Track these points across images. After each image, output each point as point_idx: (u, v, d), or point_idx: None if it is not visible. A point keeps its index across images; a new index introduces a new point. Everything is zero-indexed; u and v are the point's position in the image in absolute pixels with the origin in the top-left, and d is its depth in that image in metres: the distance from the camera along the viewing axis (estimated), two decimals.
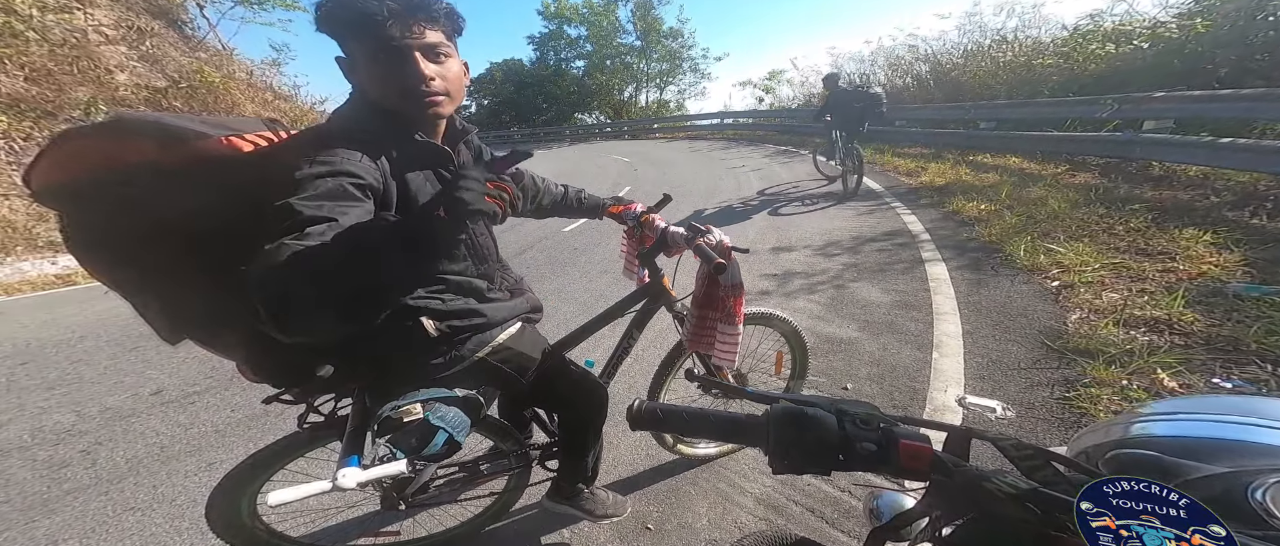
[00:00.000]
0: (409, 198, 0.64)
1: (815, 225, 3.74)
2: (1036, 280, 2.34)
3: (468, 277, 0.78)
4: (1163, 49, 5.93)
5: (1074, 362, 1.65)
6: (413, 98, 0.62)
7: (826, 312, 2.25)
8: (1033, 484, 0.31)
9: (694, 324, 0.97)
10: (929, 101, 8.32)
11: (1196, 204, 3.00)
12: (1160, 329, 1.77)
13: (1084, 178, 4.02)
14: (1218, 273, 2.10)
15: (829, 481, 1.27)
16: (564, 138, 18.53)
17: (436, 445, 0.73)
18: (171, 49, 7.52)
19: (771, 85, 16.45)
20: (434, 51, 0.62)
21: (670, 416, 0.42)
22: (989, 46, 8.57)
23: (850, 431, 0.35)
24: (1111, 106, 4.47)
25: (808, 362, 1.31)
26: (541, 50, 22.19)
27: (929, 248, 2.97)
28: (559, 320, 2.29)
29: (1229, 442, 0.38)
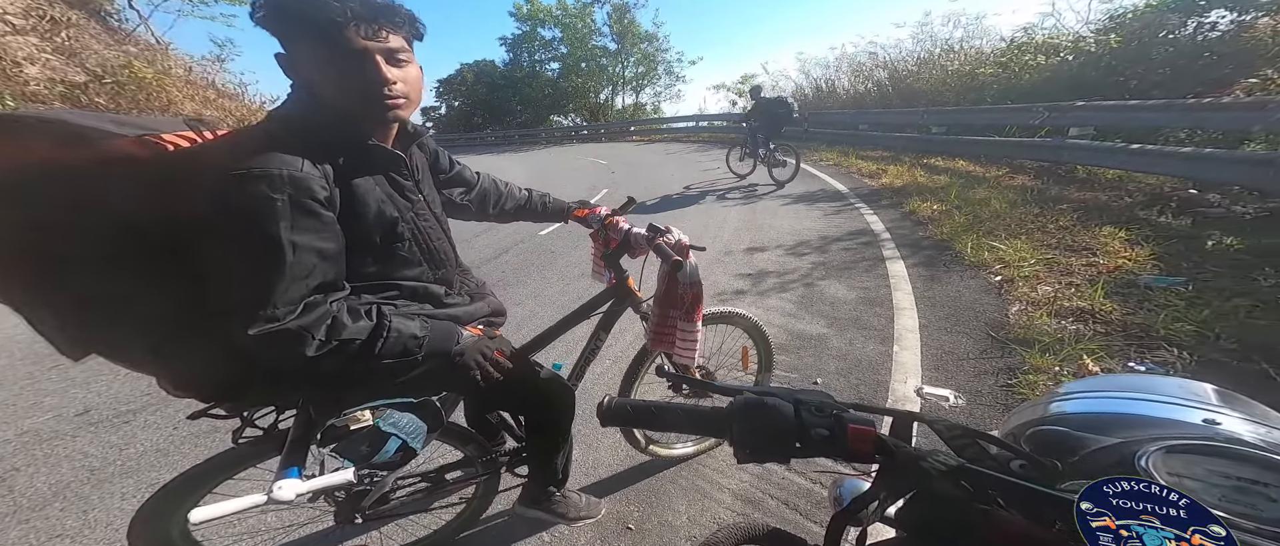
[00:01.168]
0: (356, 203, 0.61)
1: (787, 225, 3.83)
2: (982, 275, 2.50)
3: (423, 283, 0.74)
4: (1084, 62, 6.43)
5: (1014, 352, 1.78)
6: (374, 101, 0.59)
7: (798, 310, 2.32)
8: (961, 461, 0.33)
9: (656, 322, 0.98)
10: (888, 106, 8.69)
11: (1113, 204, 3.28)
12: (1085, 318, 1.94)
13: (1022, 180, 4.30)
14: (1131, 266, 2.31)
15: (801, 473, 1.31)
16: (540, 140, 18.05)
17: (388, 452, 0.70)
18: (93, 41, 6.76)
19: (744, 89, 16.71)
20: (394, 56, 0.59)
21: (639, 412, 0.42)
22: (939, 55, 9.03)
23: (806, 419, 0.36)
24: (1042, 114, 4.81)
25: (772, 355, 1.34)
26: (514, 51, 21.53)
27: (889, 246, 3.11)
28: (536, 323, 2.27)
29: (1124, 416, 0.41)
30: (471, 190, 0.97)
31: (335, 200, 0.59)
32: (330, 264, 0.60)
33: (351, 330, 0.61)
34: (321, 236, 0.57)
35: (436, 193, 0.83)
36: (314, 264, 0.57)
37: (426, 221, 0.73)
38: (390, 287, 0.70)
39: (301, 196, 0.54)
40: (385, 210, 0.65)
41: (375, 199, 0.64)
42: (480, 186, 0.99)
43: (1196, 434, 0.36)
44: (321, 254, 0.58)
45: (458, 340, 0.73)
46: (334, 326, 0.59)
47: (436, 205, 0.79)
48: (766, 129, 5.24)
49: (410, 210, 0.70)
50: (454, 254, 0.82)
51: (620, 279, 1.06)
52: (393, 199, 0.67)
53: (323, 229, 0.57)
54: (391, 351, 0.64)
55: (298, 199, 0.54)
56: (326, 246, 0.58)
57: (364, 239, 0.64)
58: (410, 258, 0.71)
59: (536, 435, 0.98)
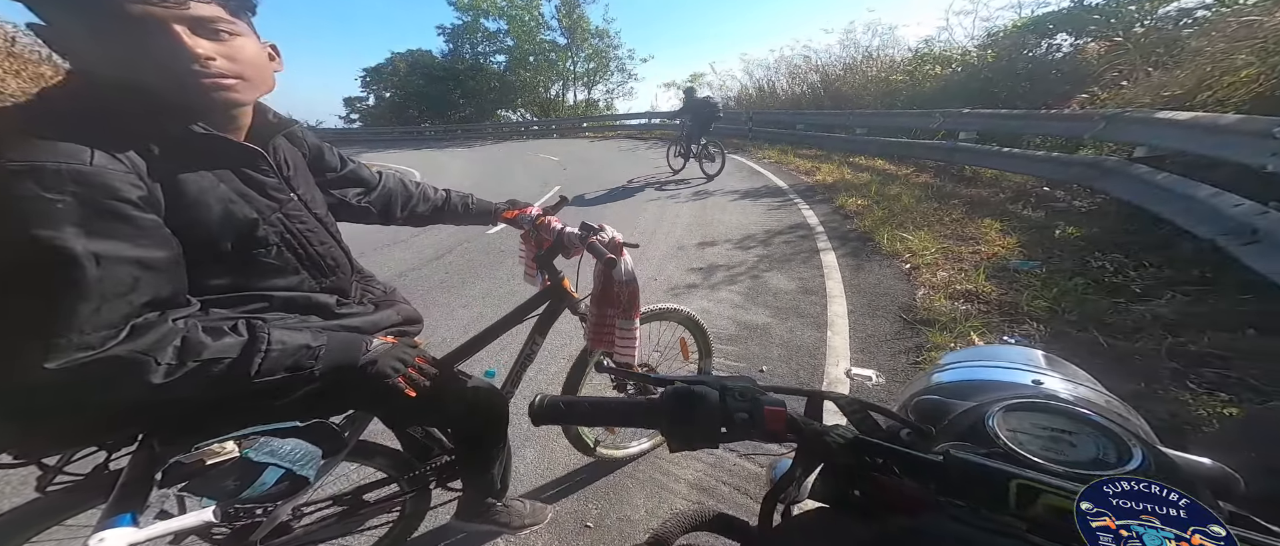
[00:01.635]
0: (188, 204, 0.51)
1: (735, 221, 4.00)
2: (896, 264, 2.82)
3: (304, 293, 0.66)
4: (969, 74, 7.46)
5: (921, 331, 2.04)
6: (181, 79, 0.49)
7: (745, 302, 2.44)
8: (856, 433, 0.35)
9: (594, 322, 0.96)
10: (821, 108, 9.37)
11: (991, 199, 3.85)
12: (972, 299, 2.27)
13: (925, 178, 4.88)
14: (1004, 253, 2.75)
15: (749, 459, 1.39)
16: (486, 135, 17.05)
17: (265, 484, 0.62)
18: None
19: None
20: (206, 26, 0.49)
21: (572, 408, 0.42)
22: (861, 62, 9.91)
23: (730, 404, 0.37)
24: (939, 119, 5.51)
25: (711, 343, 1.36)
26: (455, 42, 20.02)
27: (823, 239, 3.38)
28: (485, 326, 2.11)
29: (980, 382, 0.46)
30: (372, 191, 0.87)
31: (157, 200, 0.49)
32: (161, 276, 0.49)
33: (214, 349, 0.52)
34: (139, 243, 0.47)
35: (318, 192, 0.73)
36: (135, 277, 0.47)
37: (302, 224, 0.64)
38: (255, 300, 0.61)
39: (98, 196, 0.44)
40: (236, 211, 0.55)
41: (218, 198, 0.54)
42: (384, 188, 0.89)
43: (1026, 393, 0.42)
44: (144, 264, 0.47)
45: (366, 349, 0.65)
46: (186, 347, 0.50)
47: (318, 206, 0.70)
48: (696, 127, 5.74)
49: (276, 211, 0.60)
50: (348, 259, 0.74)
51: (555, 280, 1.02)
52: (248, 198, 0.57)
53: (140, 235, 0.47)
54: (275, 368, 0.56)
55: (91, 199, 0.43)
56: (150, 255, 0.48)
57: (208, 246, 0.54)
58: (281, 265, 0.62)
59: (468, 446, 0.92)
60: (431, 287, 2.80)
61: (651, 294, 2.53)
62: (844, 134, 7.23)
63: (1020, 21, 7.78)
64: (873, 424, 0.37)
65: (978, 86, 6.85)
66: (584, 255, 0.99)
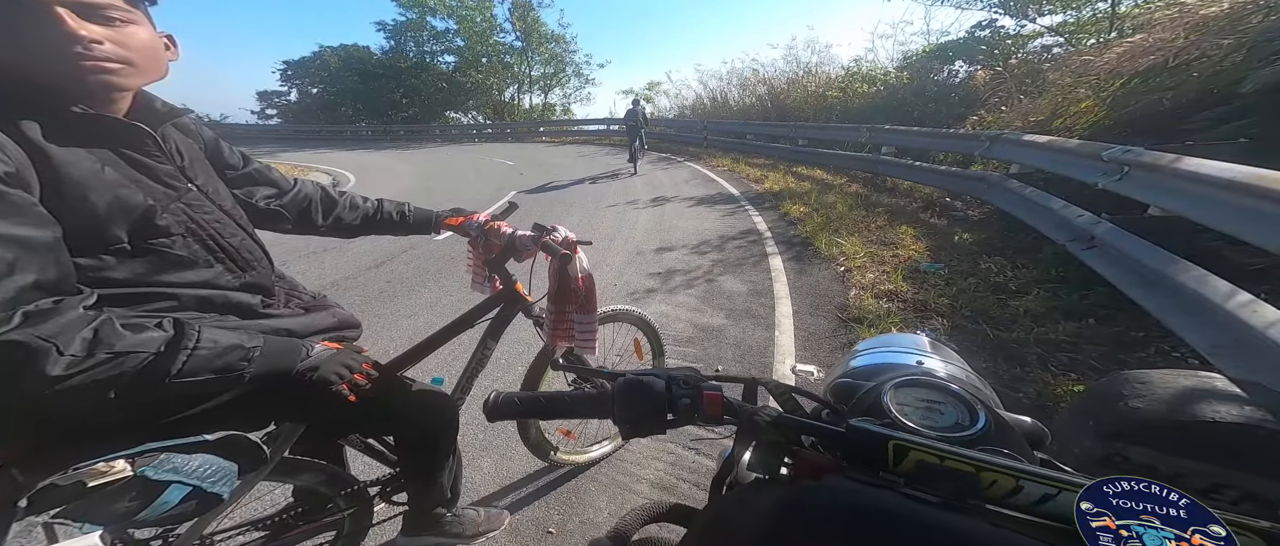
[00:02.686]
0: (68, 185, 0.48)
1: (691, 226, 4.12)
2: (832, 267, 3.08)
3: (220, 290, 0.60)
4: (888, 92, 8.29)
5: (853, 329, 2.25)
6: (63, 64, 0.47)
7: (701, 305, 2.54)
8: (780, 413, 0.38)
9: (553, 319, 0.96)
10: (768, 119, 9.88)
11: (907, 208, 4.34)
12: (893, 298, 2.55)
13: (856, 187, 5.37)
14: (917, 256, 3.11)
15: (710, 457, 1.46)
16: (433, 137, 15.94)
17: (168, 504, 0.54)
18: None
19: (651, 95, 17.11)
20: (97, 12, 0.48)
21: (527, 403, 0.43)
22: (802, 77, 10.60)
23: (674, 392, 0.39)
24: (866, 134, 6.07)
25: (662, 342, 1.39)
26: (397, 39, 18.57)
27: (771, 243, 3.59)
28: None
29: (879, 366, 0.52)
30: (284, 195, 0.81)
31: (27, 179, 0.45)
32: (45, 257, 0.45)
33: (131, 341, 0.47)
34: (15, 222, 0.43)
35: (222, 186, 0.68)
36: (12, 258, 0.43)
37: (207, 214, 0.60)
38: (160, 297, 0.55)
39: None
40: (127, 197, 0.51)
41: (105, 182, 0.50)
42: (299, 193, 0.83)
43: (910, 372, 0.48)
44: (22, 243, 0.43)
45: (306, 354, 0.61)
46: (98, 338, 0.45)
47: (224, 199, 0.66)
48: (630, 132, 7.57)
49: (175, 200, 0.56)
50: (266, 257, 0.69)
51: (508, 284, 1.00)
52: (140, 183, 0.53)
53: (13, 211, 0.43)
54: (200, 369, 0.51)
55: None
56: (27, 234, 0.44)
57: (97, 233, 0.50)
58: (190, 258, 0.57)
59: (413, 456, 0.86)
60: (370, 297, 2.60)
61: (611, 298, 2.54)
62: (788, 144, 7.70)
63: (928, 48, 8.81)
64: (796, 405, 0.41)
65: (897, 105, 7.65)
66: (536, 258, 0.97)
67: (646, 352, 1.38)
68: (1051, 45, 7.16)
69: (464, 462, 1.25)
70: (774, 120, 9.47)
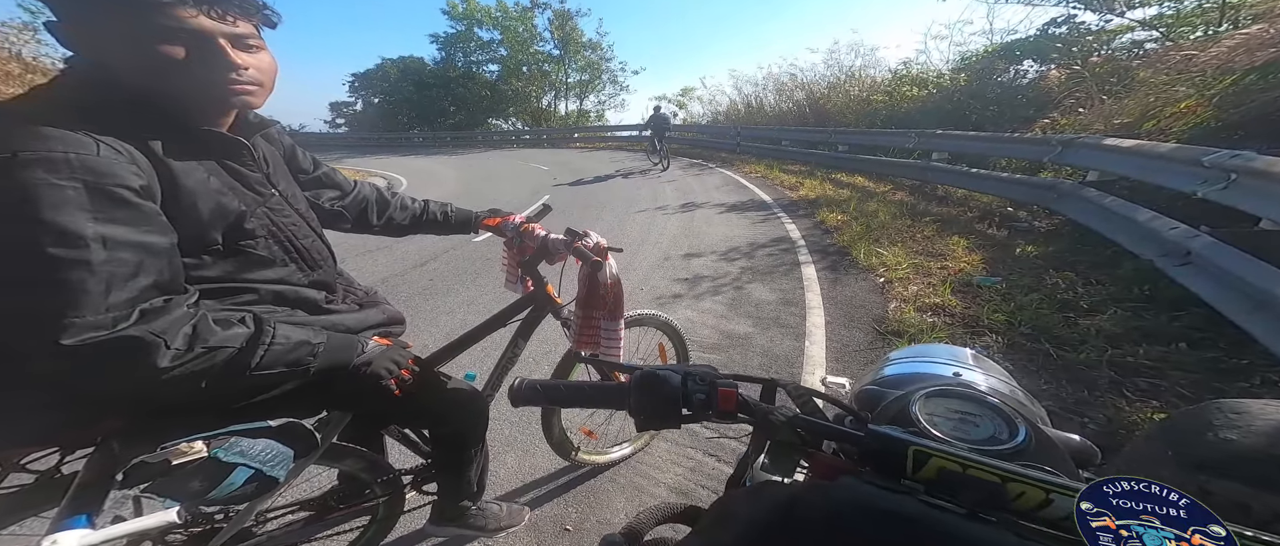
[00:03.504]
0: (183, 194, 0.54)
1: (720, 233, 4.12)
2: (871, 277, 2.95)
3: (292, 286, 0.66)
4: (942, 95, 7.84)
5: (892, 342, 2.15)
6: (218, 88, 0.54)
7: (729, 312, 2.53)
8: (796, 413, 0.39)
9: (580, 324, 0.98)
10: (806, 124, 9.69)
11: (960, 217, 4.06)
12: (939, 312, 2.41)
13: (901, 195, 5.10)
14: (969, 269, 2.91)
15: (730, 464, 1.45)
16: (477, 143, 17.04)
17: (233, 484, 0.60)
18: None
19: (684, 101, 17.37)
20: (244, 41, 0.55)
21: (549, 390, 0.45)
22: (844, 81, 10.31)
23: (689, 387, 0.40)
24: (914, 139, 5.78)
25: (687, 348, 1.41)
26: (447, 50, 20.17)
27: (804, 252, 3.51)
28: None
29: (911, 375, 0.53)
30: (346, 196, 0.89)
31: (154, 190, 0.51)
32: (162, 261, 0.51)
33: (221, 337, 0.52)
34: (142, 229, 0.49)
35: (298, 189, 0.75)
36: (138, 261, 0.49)
37: (286, 218, 0.66)
38: (244, 292, 0.61)
39: (104, 183, 0.46)
40: (226, 203, 0.58)
41: (210, 190, 0.56)
42: (358, 194, 0.91)
43: (945, 382, 0.47)
44: (147, 249, 0.49)
45: (361, 350, 0.67)
46: (196, 333, 0.51)
47: (299, 202, 0.72)
48: (655, 135, 8.50)
49: (261, 204, 0.63)
50: (331, 255, 0.75)
51: (539, 285, 1.04)
52: (235, 190, 0.59)
53: (143, 220, 0.49)
54: (275, 362, 0.56)
55: (99, 186, 0.46)
56: (152, 240, 0.50)
57: (201, 236, 0.56)
58: (269, 257, 0.63)
59: (445, 449, 0.92)
60: (413, 294, 2.81)
61: (637, 302, 2.59)
62: (826, 150, 7.47)
63: (990, 47, 8.25)
64: (815, 408, 0.41)
65: (951, 108, 7.21)
66: (567, 261, 1.01)
67: (671, 357, 1.41)
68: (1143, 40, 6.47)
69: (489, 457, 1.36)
70: (812, 125, 9.25)
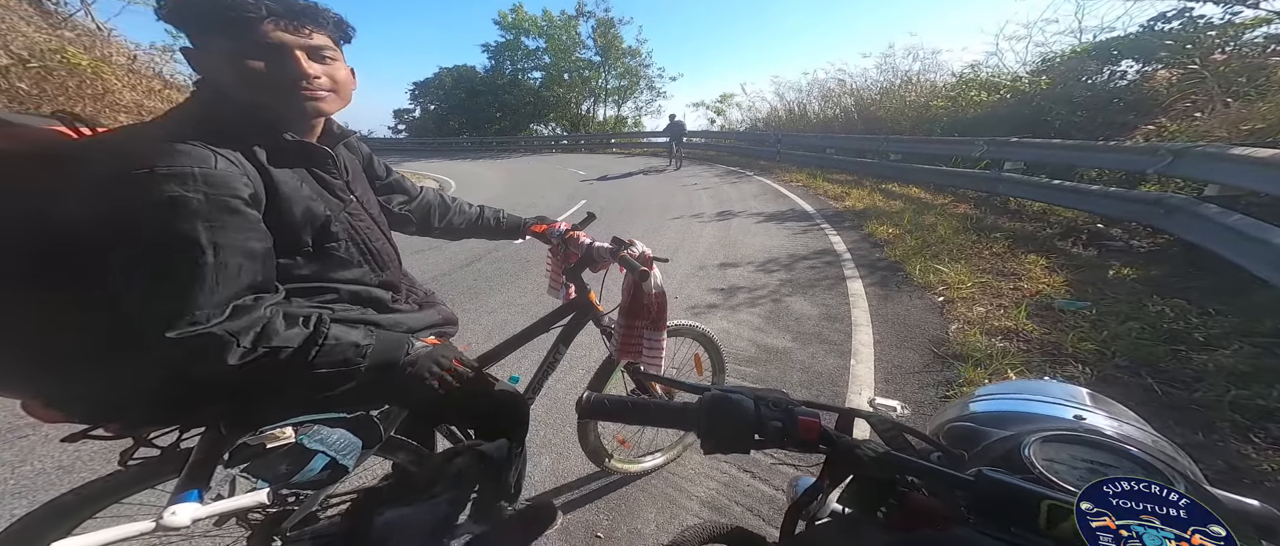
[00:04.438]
0: (280, 200, 0.60)
1: (758, 243, 4.05)
2: (928, 296, 2.76)
3: (365, 286, 0.72)
4: (1018, 100, 7.23)
5: (952, 366, 1.99)
6: (292, 94, 0.60)
7: (766, 325, 2.47)
8: (887, 449, 0.38)
9: (623, 334, 0.99)
10: (853, 132, 9.34)
11: (1038, 234, 3.70)
12: (1011, 336, 2.20)
13: (964, 208, 4.75)
14: (1049, 291, 2.63)
15: (765, 482, 1.41)
16: (519, 147, 18.02)
17: (313, 471, 0.66)
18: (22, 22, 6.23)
19: (723, 108, 17.43)
20: (319, 53, 0.61)
21: (616, 406, 0.45)
22: (899, 86, 9.85)
23: (763, 413, 0.40)
24: (982, 147, 5.37)
25: (723, 360, 1.40)
26: (496, 59, 21.62)
27: (850, 266, 3.36)
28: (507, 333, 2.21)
29: (1017, 414, 0.48)
30: (412, 201, 0.96)
31: (260, 197, 0.58)
32: (259, 264, 0.57)
33: (283, 337, 0.58)
34: (247, 235, 0.55)
35: (372, 195, 0.82)
36: (240, 264, 0.55)
37: (362, 222, 0.72)
38: (327, 291, 0.68)
39: (221, 194, 0.53)
40: (314, 208, 0.64)
41: (302, 196, 0.62)
42: (423, 199, 0.98)
43: (1065, 426, 0.43)
44: (249, 253, 0.56)
45: (408, 350, 0.70)
46: (263, 333, 0.56)
47: (373, 207, 0.78)
48: (673, 139, 10.49)
49: (343, 209, 0.69)
50: (398, 258, 0.81)
51: (582, 292, 1.07)
52: (322, 197, 0.66)
53: (248, 227, 0.56)
54: (327, 361, 0.61)
55: (217, 197, 0.52)
56: (254, 246, 0.56)
57: (294, 238, 0.62)
58: (348, 259, 0.69)
59: None
60: (460, 293, 2.99)
61: (671, 312, 2.59)
62: (877, 159, 7.14)
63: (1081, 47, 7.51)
64: (904, 443, 0.40)
65: (1028, 114, 6.63)
66: (609, 269, 1.04)
67: (707, 368, 1.40)
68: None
69: None
70: (861, 133, 8.89)
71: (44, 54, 5.71)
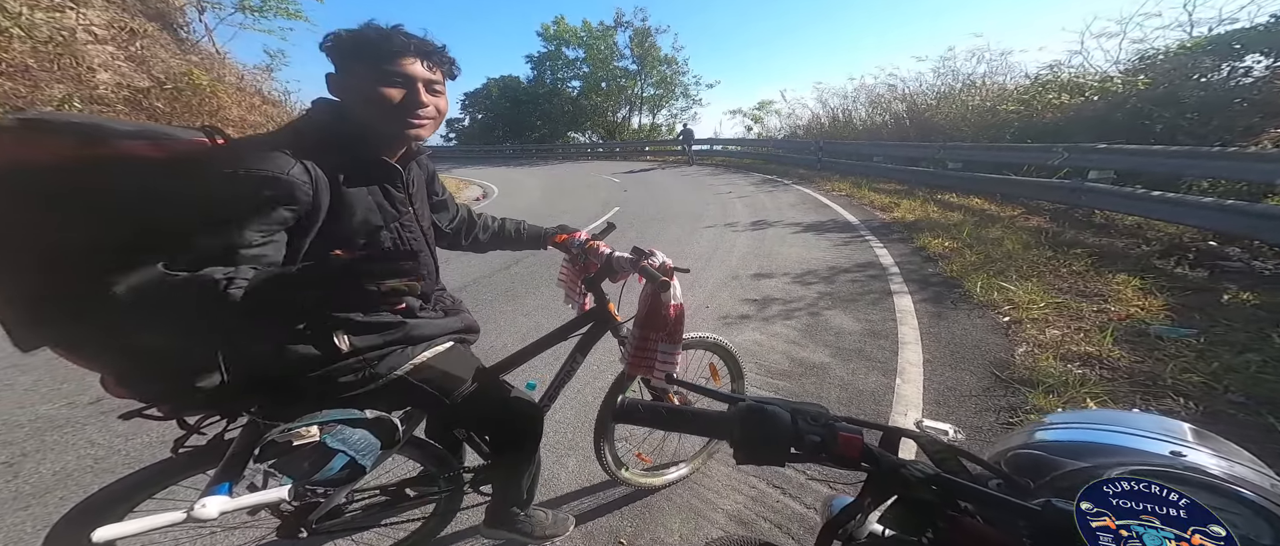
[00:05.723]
0: (344, 208, 0.69)
1: (795, 254, 3.96)
2: (990, 315, 2.56)
3: None
4: (1109, 102, 6.60)
5: (1018, 391, 1.83)
6: (405, 119, 0.70)
7: (802, 338, 2.40)
8: (938, 471, 0.37)
9: (636, 345, 1.00)
10: (905, 139, 8.94)
11: (1130, 251, 3.32)
12: (1092, 363, 1.99)
13: (1037, 221, 4.37)
14: (1143, 315, 2.36)
15: (796, 499, 1.37)
16: (556, 154, 18.83)
17: (333, 468, 0.71)
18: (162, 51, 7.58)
19: (760, 115, 17.36)
20: (433, 86, 0.72)
21: (651, 412, 0.47)
22: (959, 90, 9.34)
23: (801, 426, 0.40)
24: (1062, 155, 4.95)
25: (742, 369, 1.39)
26: (538, 69, 22.84)
27: (897, 280, 3.19)
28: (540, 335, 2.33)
29: (1096, 445, 0.46)
30: (454, 220, 1.05)
31: (320, 204, 0.66)
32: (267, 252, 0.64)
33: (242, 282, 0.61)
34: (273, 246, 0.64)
35: (428, 210, 0.91)
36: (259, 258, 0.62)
37: (411, 233, 0.80)
38: None
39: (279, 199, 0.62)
40: (371, 218, 0.72)
41: (363, 206, 0.71)
42: (459, 216, 1.07)
43: (1160, 462, 0.40)
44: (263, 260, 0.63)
45: None
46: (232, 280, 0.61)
47: (425, 220, 0.87)
48: (686, 142, 13.38)
49: (396, 220, 0.76)
50: (435, 268, 0.89)
51: (601, 303, 1.09)
52: (381, 208, 0.74)
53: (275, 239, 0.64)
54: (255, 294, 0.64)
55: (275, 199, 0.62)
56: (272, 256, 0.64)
57: (346, 240, 0.71)
58: None
59: (502, 454, 1.01)
60: (496, 296, 3.15)
61: (701, 322, 2.59)
62: (931, 167, 6.78)
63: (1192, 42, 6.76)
64: (959, 466, 0.39)
65: (1121, 118, 6.03)
66: (627, 280, 1.06)
67: (724, 378, 1.39)
68: None
69: (548, 464, 1.44)
70: (913, 140, 8.47)
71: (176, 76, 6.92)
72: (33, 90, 5.34)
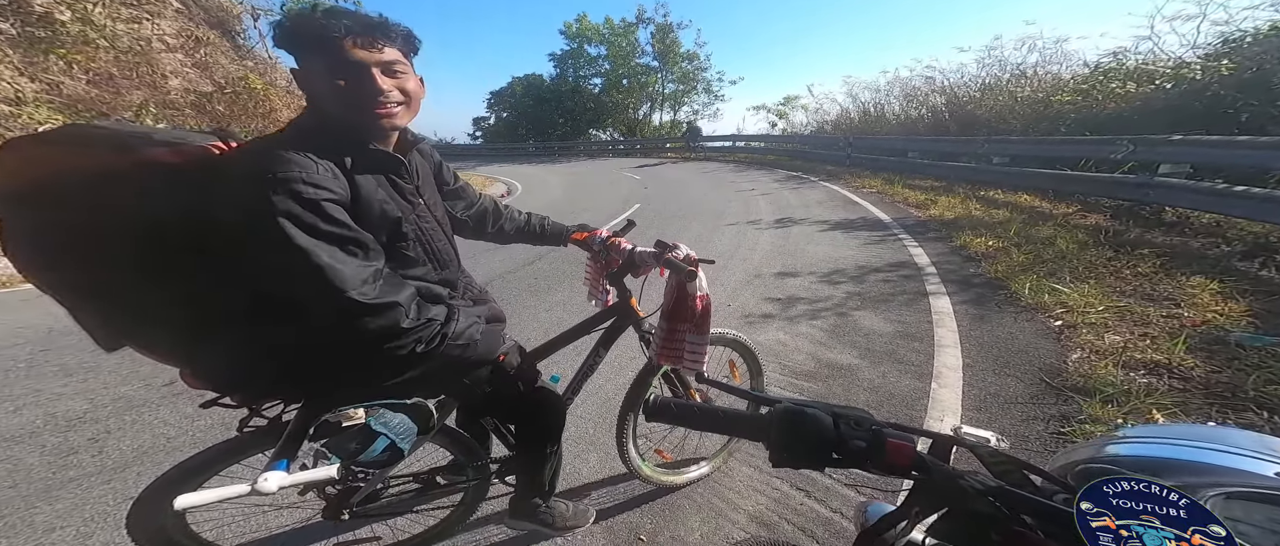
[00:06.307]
0: (361, 201, 0.69)
1: (822, 252, 3.84)
2: (1039, 318, 2.40)
3: (428, 283, 0.80)
4: (1185, 90, 6.05)
5: (1071, 400, 1.70)
6: (367, 108, 0.67)
7: (829, 339, 2.32)
8: (1000, 483, 0.35)
9: (664, 336, 1.02)
10: (943, 133, 8.53)
11: (1207, 252, 3.04)
12: (1160, 372, 1.82)
13: (1095, 219, 4.07)
14: (1222, 321, 2.14)
15: (822, 503, 1.33)
16: (578, 152, 19.10)
17: (375, 450, 0.74)
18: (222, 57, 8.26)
19: (785, 110, 16.99)
20: (391, 68, 0.68)
21: (682, 410, 0.46)
22: (1007, 81, 8.81)
23: (844, 431, 0.39)
24: (1127, 148, 4.58)
25: (761, 367, 1.39)
26: (561, 67, 23.20)
27: (934, 281, 3.04)
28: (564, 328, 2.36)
29: (1183, 462, 0.43)
30: (472, 207, 1.06)
31: (346, 201, 0.67)
32: (375, 250, 0.69)
33: (432, 311, 0.70)
34: (352, 228, 0.66)
35: (439, 199, 0.91)
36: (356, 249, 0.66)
37: (428, 223, 0.81)
38: None
39: (321, 196, 0.63)
40: (388, 210, 0.72)
41: (378, 199, 0.71)
42: (480, 205, 1.08)
43: (1265, 484, 0.37)
44: (360, 243, 0.67)
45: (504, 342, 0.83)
46: (420, 307, 0.69)
47: (438, 209, 0.87)
48: (691, 137, 15.34)
49: (412, 211, 0.77)
50: (456, 257, 0.90)
51: (624, 298, 1.12)
52: (395, 200, 0.74)
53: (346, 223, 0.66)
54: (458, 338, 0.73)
55: (317, 199, 0.63)
56: (362, 236, 0.67)
57: (373, 236, 0.71)
58: (415, 257, 0.78)
59: (526, 445, 1.04)
60: (521, 290, 3.22)
61: (723, 320, 2.55)
62: (973, 163, 6.43)
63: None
64: (1021, 479, 0.37)
65: (1200, 107, 5.51)
66: (648, 275, 1.08)
67: (743, 376, 1.39)
68: None
69: (569, 459, 1.46)
70: (954, 135, 8.06)
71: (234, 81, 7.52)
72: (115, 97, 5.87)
